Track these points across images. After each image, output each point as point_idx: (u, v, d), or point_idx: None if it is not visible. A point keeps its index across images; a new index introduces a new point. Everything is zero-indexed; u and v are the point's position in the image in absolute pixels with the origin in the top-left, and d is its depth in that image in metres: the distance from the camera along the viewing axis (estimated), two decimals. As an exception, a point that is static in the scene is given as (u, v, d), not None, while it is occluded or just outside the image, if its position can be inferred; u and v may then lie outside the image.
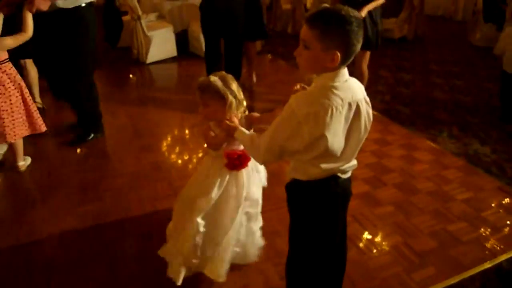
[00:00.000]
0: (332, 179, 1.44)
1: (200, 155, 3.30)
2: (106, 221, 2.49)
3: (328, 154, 1.35)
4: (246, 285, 2.02)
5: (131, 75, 5.32)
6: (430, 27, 7.74)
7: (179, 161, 3.21)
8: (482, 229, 2.44)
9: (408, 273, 2.10)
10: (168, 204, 2.62)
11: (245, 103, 1.85)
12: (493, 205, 2.68)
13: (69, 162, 3.15)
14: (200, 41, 5.51)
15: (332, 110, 1.27)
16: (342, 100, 1.29)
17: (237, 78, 4.29)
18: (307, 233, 1.55)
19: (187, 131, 3.71)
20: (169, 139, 3.59)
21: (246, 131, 1.60)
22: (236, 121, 1.72)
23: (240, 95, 1.82)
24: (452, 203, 2.68)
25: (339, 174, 1.45)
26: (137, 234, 2.38)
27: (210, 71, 4.32)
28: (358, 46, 1.28)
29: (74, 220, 2.50)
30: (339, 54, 1.25)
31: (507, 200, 2.73)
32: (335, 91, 1.29)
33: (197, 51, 5.74)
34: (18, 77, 2.78)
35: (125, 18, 5.86)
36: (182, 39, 5.99)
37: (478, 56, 6.18)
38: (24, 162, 3.03)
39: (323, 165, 1.39)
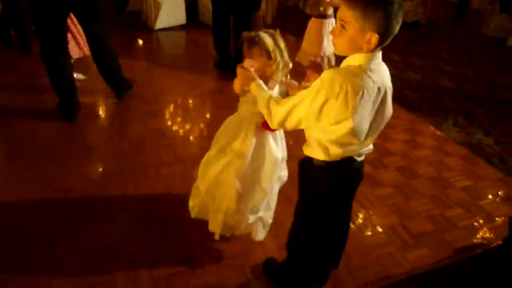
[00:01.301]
0: (348, 161, 1.44)
1: (202, 125, 3.31)
2: (110, 182, 2.53)
3: (351, 136, 1.34)
4: (246, 253, 2.08)
5: (138, 40, 5.27)
6: (445, 13, 7.61)
7: (184, 129, 3.23)
8: (477, 217, 2.49)
9: (402, 253, 2.16)
10: (171, 171, 2.67)
11: (290, 65, 1.78)
12: (490, 195, 2.72)
13: (75, 123, 3.17)
14: (210, 10, 5.43)
15: (363, 91, 1.24)
16: (373, 83, 1.27)
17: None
18: (315, 209, 1.58)
19: (192, 100, 3.72)
20: (174, 106, 3.60)
21: (264, 87, 1.52)
22: (253, 71, 1.60)
23: (287, 57, 1.76)
24: (451, 190, 2.72)
25: (355, 157, 1.45)
26: (140, 197, 2.42)
27: (218, 44, 4.29)
28: (397, 28, 1.23)
29: (79, 179, 2.54)
30: (377, 35, 1.21)
31: (504, 190, 2.76)
32: (369, 73, 1.26)
33: (207, 20, 5.66)
34: None
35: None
36: (192, 7, 5.90)
37: (491, 47, 6.12)
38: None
39: (345, 147, 1.38)
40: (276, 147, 1.91)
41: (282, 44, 1.74)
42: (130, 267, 1.95)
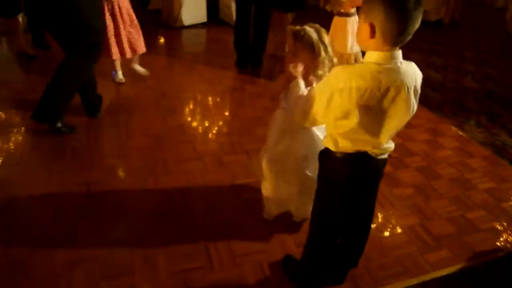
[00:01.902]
0: (363, 156, 1.44)
1: (221, 123, 3.33)
2: (131, 176, 2.58)
3: (359, 132, 1.35)
4: (265, 250, 2.08)
5: (160, 38, 5.32)
6: (468, 12, 7.45)
7: (203, 126, 3.25)
8: (500, 220, 2.44)
9: (422, 254, 2.13)
10: (191, 167, 2.69)
11: (335, 60, 1.80)
12: (514, 197, 2.66)
13: (98, 118, 3.23)
14: (230, 8, 5.46)
15: (366, 90, 1.25)
16: (380, 82, 1.25)
17: (263, 46, 4.28)
18: (329, 201, 1.58)
19: (212, 97, 3.74)
20: (194, 103, 3.63)
21: (303, 87, 1.60)
22: (300, 71, 1.66)
23: (331, 52, 1.78)
24: (473, 191, 2.67)
25: (373, 155, 1.44)
26: (160, 192, 2.46)
27: (238, 41, 4.31)
28: (408, 27, 1.19)
29: (101, 173, 2.59)
30: (370, 25, 1.22)
31: (529, 193, 2.70)
32: (377, 73, 1.25)
33: (227, 18, 5.69)
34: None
35: (157, -20, 5.82)
36: (212, 5, 5.92)
37: (516, 46, 5.96)
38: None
39: (353, 140, 1.40)
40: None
41: (326, 40, 1.75)
42: (148, 260, 1.98)
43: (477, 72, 4.81)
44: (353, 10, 3.66)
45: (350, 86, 1.25)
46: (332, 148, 1.47)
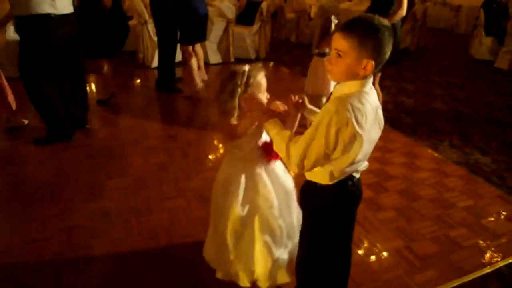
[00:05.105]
0: (350, 179, 1.49)
1: (203, 158, 3.34)
2: (114, 219, 2.53)
3: (358, 158, 1.39)
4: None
5: (137, 79, 5.38)
6: (432, 39, 7.85)
7: (185, 163, 3.26)
8: (482, 236, 2.49)
9: (410, 276, 2.15)
10: (175, 205, 2.67)
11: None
12: (492, 213, 2.73)
13: (76, 162, 3.20)
14: (205, 47, 5.60)
15: (366, 115, 1.32)
16: (371, 105, 1.35)
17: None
18: (322, 233, 1.59)
19: (192, 134, 3.77)
20: (174, 141, 3.64)
21: (279, 124, 1.52)
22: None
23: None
24: (453, 210, 2.73)
25: (354, 174, 1.50)
26: (143, 233, 2.42)
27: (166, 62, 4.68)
28: (388, 54, 1.32)
29: (82, 217, 2.54)
30: (373, 62, 1.29)
31: (506, 208, 2.78)
32: (367, 96, 1.34)
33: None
34: None
35: (131, 22, 5.94)
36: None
37: (479, 69, 6.28)
38: None
39: (348, 168, 1.43)
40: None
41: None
42: (137, 304, 1.93)
43: (446, 95, 5.03)
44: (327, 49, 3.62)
45: (354, 115, 1.29)
46: (327, 181, 1.47)
